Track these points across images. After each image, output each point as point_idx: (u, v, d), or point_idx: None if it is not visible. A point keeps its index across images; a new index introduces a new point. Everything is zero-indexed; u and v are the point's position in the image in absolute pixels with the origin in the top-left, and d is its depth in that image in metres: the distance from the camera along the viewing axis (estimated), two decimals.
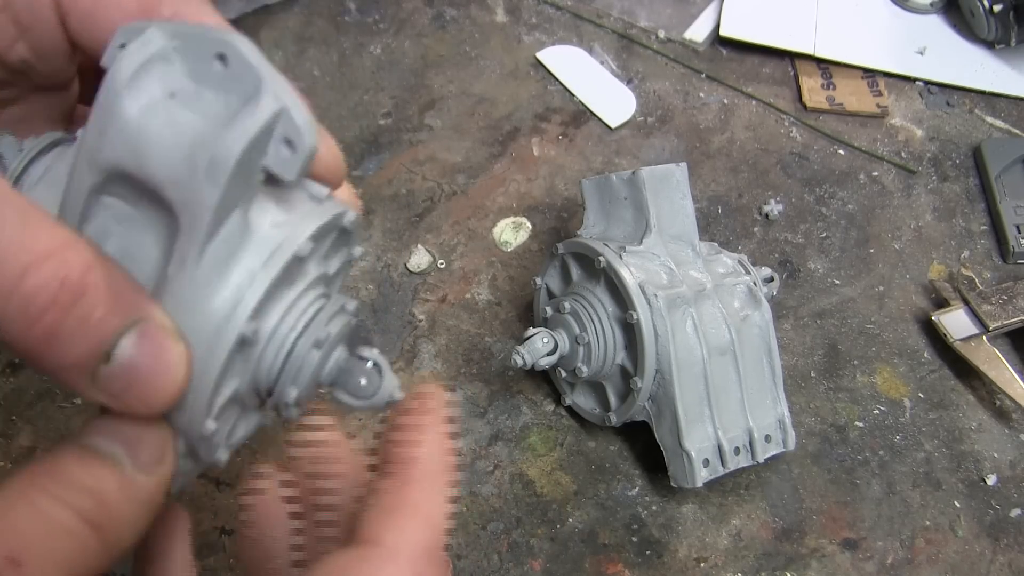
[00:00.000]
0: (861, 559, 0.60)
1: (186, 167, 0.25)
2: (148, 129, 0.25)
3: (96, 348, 0.24)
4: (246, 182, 0.26)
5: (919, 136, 0.84)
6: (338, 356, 0.30)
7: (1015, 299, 0.69)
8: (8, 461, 0.61)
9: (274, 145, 0.26)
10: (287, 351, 0.28)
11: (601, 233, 0.63)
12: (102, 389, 0.25)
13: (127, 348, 0.24)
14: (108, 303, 0.24)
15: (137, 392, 0.25)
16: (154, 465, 0.26)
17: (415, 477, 0.27)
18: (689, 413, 0.57)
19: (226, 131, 0.25)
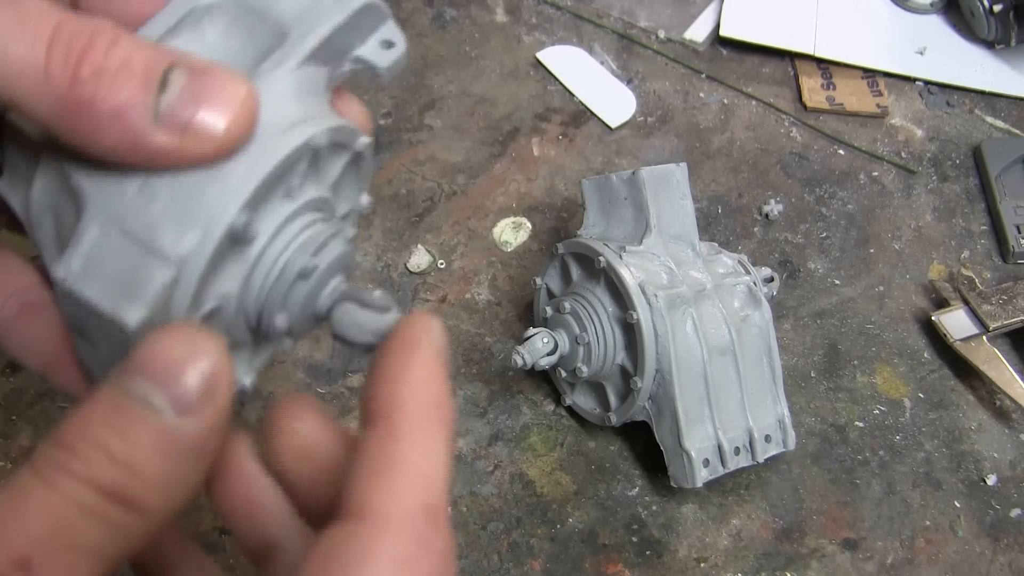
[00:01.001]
0: (861, 559, 0.60)
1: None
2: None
3: (148, 79, 0.22)
4: (345, 49, 0.28)
5: (919, 136, 0.84)
6: (336, 284, 0.28)
7: (1015, 299, 0.69)
8: (8, 461, 0.61)
9: (372, 43, 0.29)
10: (279, 270, 0.26)
11: (601, 233, 0.63)
12: (166, 124, 0.22)
13: (180, 78, 0.23)
14: (148, 47, 0.23)
15: (207, 114, 0.23)
16: (203, 402, 0.22)
17: (401, 428, 0.23)
18: (689, 413, 0.57)
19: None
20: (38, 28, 0.22)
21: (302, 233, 0.27)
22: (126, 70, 0.22)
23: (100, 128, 0.22)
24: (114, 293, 0.24)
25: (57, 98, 0.22)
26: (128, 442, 0.21)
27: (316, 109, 0.27)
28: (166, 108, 0.22)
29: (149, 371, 0.22)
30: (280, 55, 0.27)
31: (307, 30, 0.27)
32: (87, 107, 0.22)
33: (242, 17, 0.28)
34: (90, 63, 0.22)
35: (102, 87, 0.22)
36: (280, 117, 0.26)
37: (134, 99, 0.22)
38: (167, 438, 0.21)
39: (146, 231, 0.24)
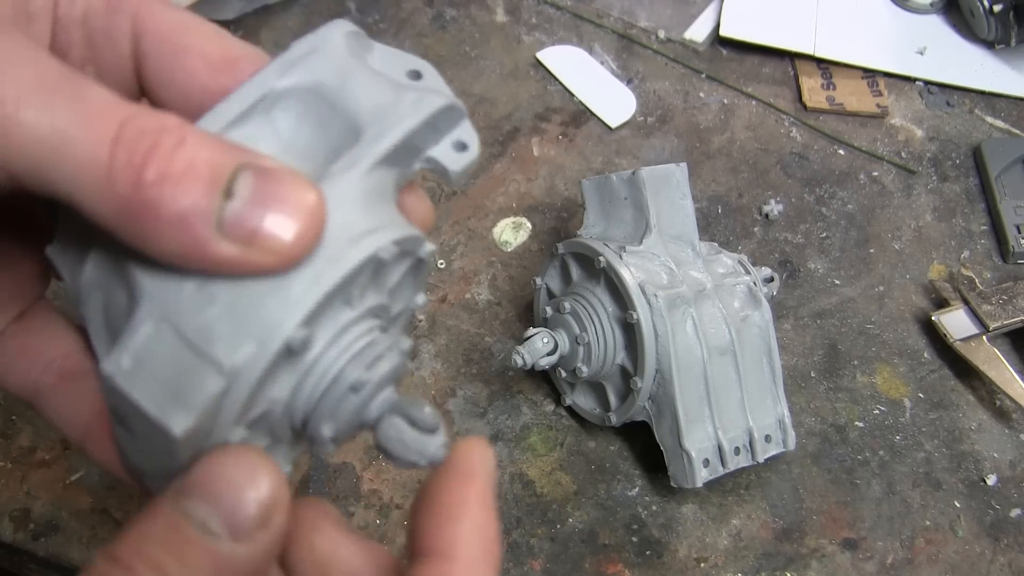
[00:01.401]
0: (861, 559, 0.60)
1: (391, 94, 0.27)
2: (356, 64, 0.27)
3: (213, 185, 0.21)
4: (417, 150, 0.28)
5: (919, 136, 0.84)
6: (387, 396, 0.27)
7: (1015, 299, 0.69)
8: (8, 461, 0.61)
9: (445, 143, 0.28)
10: (331, 379, 0.26)
11: (601, 233, 0.63)
12: (230, 235, 0.22)
13: (247, 183, 0.22)
14: (214, 146, 0.22)
15: (270, 229, 0.22)
16: (259, 529, 0.22)
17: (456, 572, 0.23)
18: (689, 413, 0.57)
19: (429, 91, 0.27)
20: (103, 126, 0.21)
21: (358, 342, 0.26)
22: (191, 174, 0.21)
23: (162, 234, 0.22)
24: (162, 397, 0.23)
25: (119, 201, 0.21)
26: (184, 565, 0.21)
27: (384, 216, 0.26)
28: (231, 217, 0.22)
29: (207, 494, 0.22)
30: (352, 156, 0.26)
31: (382, 131, 0.26)
32: (150, 212, 0.21)
33: (316, 107, 0.27)
34: (155, 166, 0.21)
35: (166, 193, 0.21)
36: (347, 226, 0.25)
37: (198, 206, 0.21)
38: (222, 563, 0.22)
39: (201, 336, 0.23)
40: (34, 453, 0.62)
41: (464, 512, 0.24)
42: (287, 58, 0.27)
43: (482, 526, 0.24)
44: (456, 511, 0.24)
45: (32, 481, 0.61)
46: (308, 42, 0.27)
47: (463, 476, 0.25)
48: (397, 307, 0.30)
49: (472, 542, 0.24)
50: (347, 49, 0.27)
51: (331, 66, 0.27)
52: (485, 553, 0.24)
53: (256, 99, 0.26)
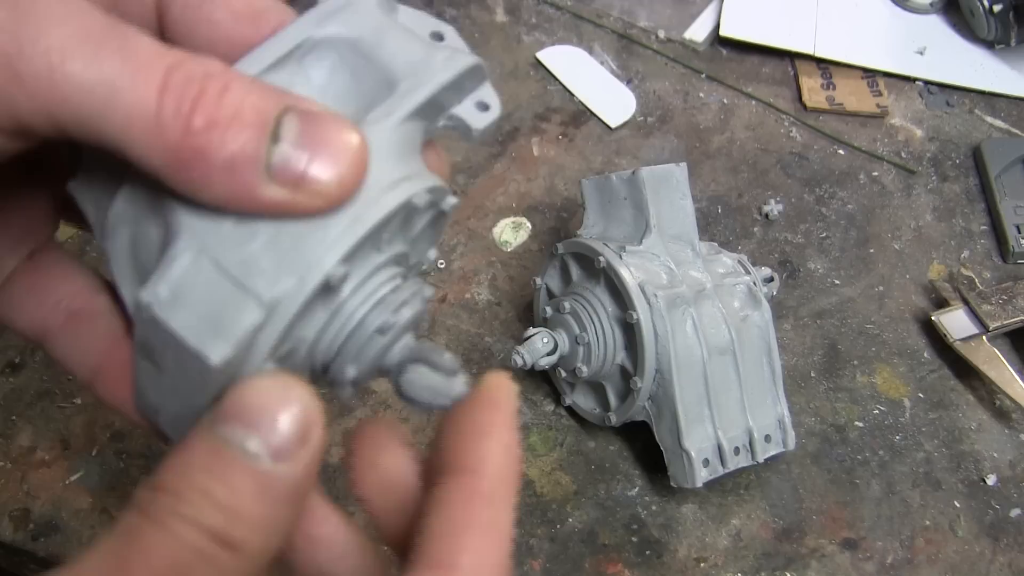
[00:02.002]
0: (861, 559, 0.60)
1: (423, 50, 0.27)
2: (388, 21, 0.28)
3: (260, 130, 0.22)
4: (440, 111, 0.28)
5: (919, 136, 0.84)
6: (407, 341, 0.28)
7: (1015, 299, 0.69)
8: (8, 461, 0.61)
9: (468, 103, 0.28)
10: (356, 323, 0.26)
11: (601, 233, 0.63)
12: (278, 179, 0.22)
13: (293, 127, 0.22)
14: (259, 90, 0.22)
15: (319, 168, 0.22)
16: (298, 447, 0.22)
17: (485, 488, 0.24)
18: (689, 413, 0.57)
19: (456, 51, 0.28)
20: (150, 75, 0.21)
21: (383, 287, 0.27)
22: (239, 119, 0.22)
23: (212, 180, 0.22)
24: (201, 327, 0.23)
25: (168, 148, 0.22)
26: (230, 488, 0.22)
27: (416, 166, 0.27)
28: (278, 161, 0.22)
29: (244, 418, 0.22)
30: (388, 106, 0.26)
31: (416, 84, 0.27)
32: (199, 159, 0.22)
33: (351, 59, 0.27)
34: (202, 113, 0.21)
35: (214, 139, 0.21)
36: (384, 172, 0.25)
37: (246, 151, 0.22)
38: (265, 483, 0.22)
39: (241, 268, 0.23)
40: (34, 453, 0.62)
41: (491, 432, 0.25)
42: (323, 9, 0.27)
43: (508, 446, 0.25)
44: (484, 431, 0.25)
45: (32, 481, 0.61)
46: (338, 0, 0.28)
47: (490, 402, 0.25)
48: (414, 258, 0.30)
49: (499, 460, 0.24)
50: (379, 6, 0.28)
51: (366, 21, 0.27)
52: (511, 471, 0.24)
53: (292, 47, 0.26)
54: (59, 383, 0.65)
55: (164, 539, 0.21)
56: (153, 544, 0.21)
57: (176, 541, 0.21)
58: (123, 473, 0.62)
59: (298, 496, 0.23)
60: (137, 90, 0.21)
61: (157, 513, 0.21)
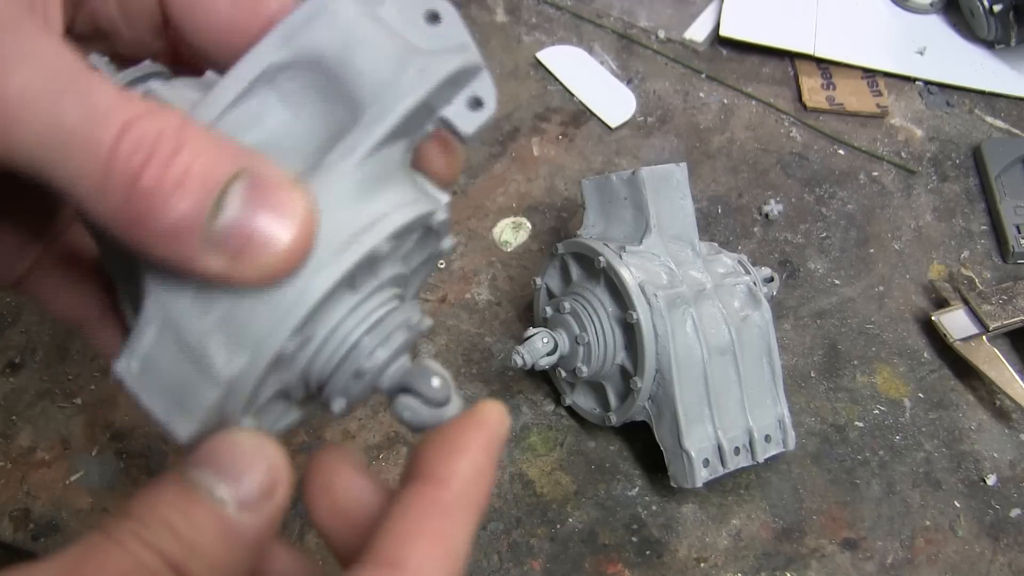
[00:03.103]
0: (861, 559, 0.60)
1: (394, 67, 0.25)
2: (361, 27, 0.25)
3: (204, 197, 0.22)
4: (427, 115, 0.26)
5: (919, 136, 0.84)
6: (402, 364, 0.28)
7: (1015, 299, 0.69)
8: (8, 461, 0.61)
9: (460, 101, 0.26)
10: (348, 348, 0.26)
11: (601, 233, 0.63)
12: (217, 247, 0.22)
13: (238, 195, 0.22)
14: (211, 152, 0.22)
15: (257, 245, 0.22)
16: (262, 501, 0.23)
17: (447, 499, 0.24)
18: (689, 413, 0.57)
19: (436, 54, 0.25)
20: (104, 131, 0.21)
21: (378, 310, 0.27)
22: (183, 187, 0.21)
23: (155, 243, 0.22)
24: (168, 404, 0.24)
25: (114, 206, 0.22)
26: (192, 524, 0.22)
27: (384, 202, 0.26)
28: (219, 231, 0.22)
29: (216, 466, 0.23)
30: (349, 144, 0.25)
31: (382, 112, 0.25)
32: (143, 221, 0.22)
33: (318, 81, 0.26)
34: (149, 176, 0.21)
35: (158, 203, 0.21)
36: (341, 226, 0.25)
37: (187, 219, 0.22)
38: (228, 528, 0.23)
39: (198, 345, 0.24)
40: (34, 453, 0.62)
41: (468, 451, 0.25)
42: (288, 25, 0.26)
43: (481, 468, 0.25)
44: (461, 448, 0.25)
45: (32, 481, 0.61)
46: (309, 6, 0.26)
47: (476, 424, 0.26)
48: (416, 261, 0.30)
49: (467, 476, 0.25)
50: (349, 7, 0.26)
51: (333, 34, 0.25)
52: (477, 492, 0.25)
53: (256, 75, 0.26)
54: (59, 383, 0.65)
55: (121, 556, 0.22)
56: (110, 559, 0.21)
57: (133, 561, 0.22)
58: (123, 473, 0.62)
59: (258, 545, 0.24)
60: (90, 146, 0.21)
61: (119, 534, 0.22)
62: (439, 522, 0.24)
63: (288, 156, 0.26)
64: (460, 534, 0.24)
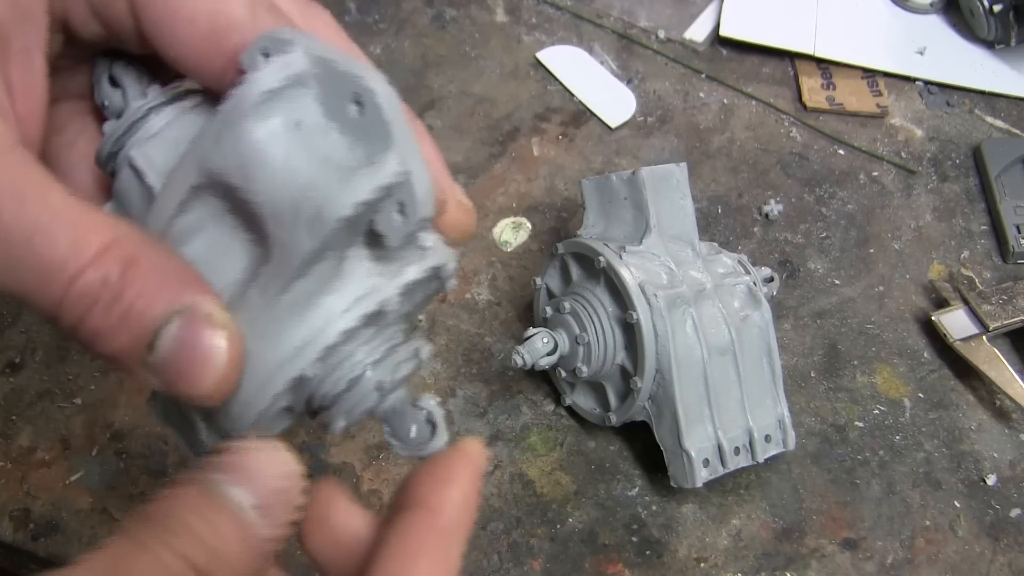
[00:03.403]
0: (861, 559, 0.60)
1: (290, 209, 0.24)
2: (264, 157, 0.25)
3: (138, 339, 0.25)
4: (347, 236, 0.26)
5: (919, 136, 0.84)
6: (397, 397, 0.29)
7: (1015, 299, 0.69)
8: (8, 461, 0.61)
9: (387, 206, 0.25)
10: (352, 378, 0.28)
11: (601, 233, 0.63)
12: (154, 375, 0.25)
13: (170, 337, 0.25)
14: (150, 295, 0.25)
15: (185, 380, 0.25)
16: (278, 505, 0.25)
17: (442, 525, 0.27)
18: (689, 413, 0.57)
19: (340, 187, 0.24)
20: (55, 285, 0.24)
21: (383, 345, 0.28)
22: (122, 328, 0.25)
23: (106, 361, 0.26)
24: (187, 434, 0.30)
25: (69, 331, 0.25)
26: (214, 530, 0.24)
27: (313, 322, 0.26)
28: (152, 364, 0.25)
29: (235, 472, 0.25)
30: (263, 282, 0.26)
31: (283, 259, 0.25)
32: (91, 346, 0.25)
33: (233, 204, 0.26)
34: (92, 320, 0.25)
35: (99, 341, 0.25)
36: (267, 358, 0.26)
37: (124, 353, 0.25)
38: (247, 533, 0.24)
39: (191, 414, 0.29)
40: (34, 453, 0.62)
41: (457, 481, 0.28)
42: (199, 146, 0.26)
43: (468, 497, 0.28)
44: (450, 479, 0.28)
45: (32, 481, 0.61)
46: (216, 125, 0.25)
47: (462, 456, 0.28)
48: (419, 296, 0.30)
49: (458, 504, 0.27)
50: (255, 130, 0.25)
51: (234, 162, 0.25)
52: (466, 519, 0.27)
53: (184, 194, 0.27)
54: (59, 383, 0.65)
55: (150, 563, 0.23)
56: (139, 566, 0.23)
57: (161, 567, 0.23)
58: (123, 473, 0.62)
59: (271, 550, 0.25)
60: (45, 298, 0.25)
61: (145, 540, 0.23)
62: (436, 545, 0.26)
63: (225, 265, 0.27)
64: (455, 556, 0.27)
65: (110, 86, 0.30)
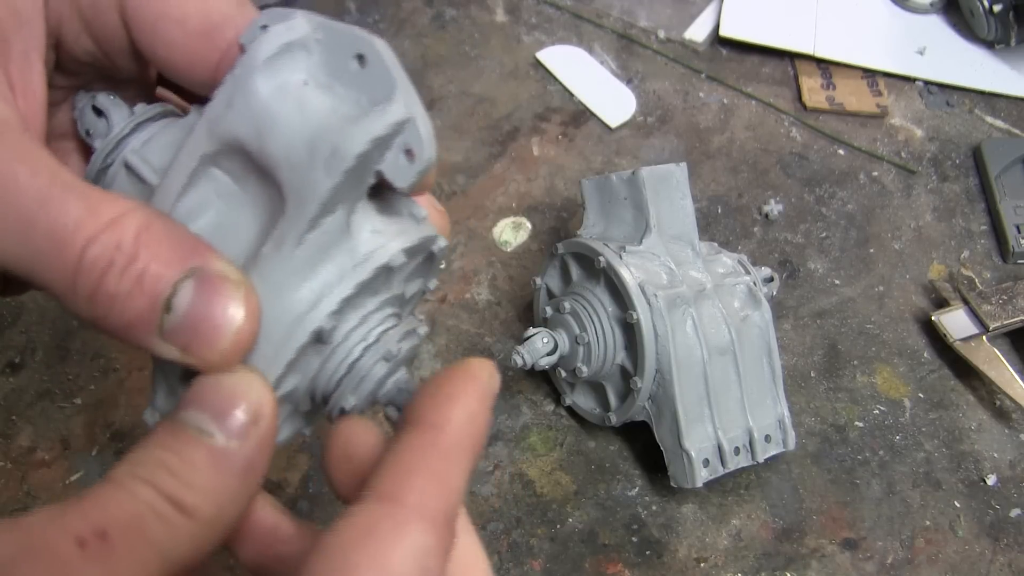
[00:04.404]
0: (861, 559, 0.60)
1: (306, 152, 0.25)
2: (276, 109, 0.26)
3: (154, 301, 0.25)
4: (359, 181, 0.27)
5: (919, 136, 0.84)
6: (399, 377, 0.30)
7: (1015, 299, 0.69)
8: (8, 461, 0.61)
9: (393, 152, 0.27)
10: (353, 360, 0.28)
11: (601, 233, 0.63)
12: (170, 342, 0.25)
13: (185, 297, 0.25)
14: (163, 257, 0.25)
15: (203, 340, 0.25)
16: (248, 428, 0.25)
17: (442, 442, 0.26)
18: (689, 413, 0.57)
19: (352, 126, 0.25)
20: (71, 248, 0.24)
21: (378, 328, 0.29)
22: (136, 291, 0.25)
23: (118, 334, 0.26)
24: None
25: (83, 305, 0.25)
26: (184, 459, 0.24)
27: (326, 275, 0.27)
28: (169, 328, 0.25)
29: (201, 403, 0.25)
30: (278, 235, 0.26)
31: (299, 203, 0.26)
32: (105, 319, 0.25)
33: (247, 166, 0.27)
34: (108, 283, 0.25)
35: (115, 306, 0.25)
36: (284, 311, 0.26)
37: (141, 319, 0.25)
38: (218, 457, 0.25)
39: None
40: (34, 453, 0.62)
41: (460, 398, 0.26)
42: (211, 112, 0.27)
43: (473, 414, 0.26)
44: (454, 397, 0.26)
45: (32, 481, 0.61)
46: (226, 91, 0.26)
47: (466, 374, 0.27)
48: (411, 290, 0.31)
49: (461, 421, 0.26)
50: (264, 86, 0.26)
51: (248, 120, 0.26)
52: (472, 437, 0.26)
53: (193, 166, 0.27)
54: (59, 383, 0.65)
55: (120, 495, 0.24)
56: (111, 500, 0.23)
57: (132, 497, 0.24)
58: None
59: (249, 472, 0.25)
60: (58, 262, 0.25)
61: (121, 479, 0.24)
62: (436, 461, 0.25)
63: (236, 237, 0.27)
64: (456, 473, 0.25)
65: (94, 115, 0.31)
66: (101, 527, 0.23)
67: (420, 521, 0.24)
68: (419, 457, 0.25)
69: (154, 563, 0.23)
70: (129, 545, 0.23)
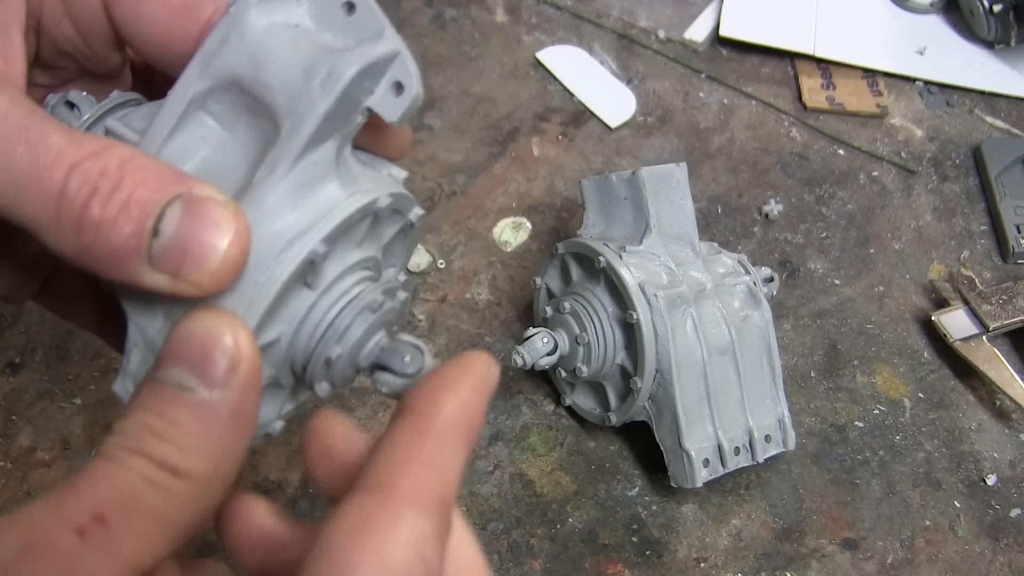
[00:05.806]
0: (861, 559, 0.60)
1: (302, 76, 0.26)
2: (271, 41, 0.26)
3: (141, 226, 0.24)
4: (351, 110, 0.27)
5: (919, 136, 0.84)
6: (379, 338, 0.29)
7: (1015, 299, 0.69)
8: (8, 461, 0.61)
9: (382, 88, 0.27)
10: (339, 311, 0.28)
11: (601, 233, 0.63)
12: (159, 268, 0.24)
13: (173, 219, 0.24)
14: (149, 182, 0.24)
15: (193, 262, 0.24)
16: (228, 374, 0.24)
17: (436, 429, 0.25)
18: (689, 413, 0.57)
19: (347, 52, 0.26)
20: (52, 176, 0.24)
21: (357, 286, 0.29)
22: (123, 216, 0.24)
23: (105, 268, 0.25)
24: None
25: (68, 238, 0.24)
26: (170, 421, 0.24)
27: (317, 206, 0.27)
28: (158, 253, 0.24)
29: (176, 358, 0.24)
30: (272, 160, 0.26)
31: (295, 125, 0.26)
32: (91, 250, 0.24)
33: (241, 101, 0.27)
34: (94, 207, 0.24)
35: (102, 234, 0.24)
36: (275, 237, 0.26)
37: (129, 245, 0.24)
38: (202, 411, 0.24)
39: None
40: (34, 453, 0.62)
41: (455, 388, 0.26)
42: (205, 51, 0.27)
43: (468, 403, 0.26)
44: (448, 386, 0.26)
45: (32, 481, 0.61)
46: (221, 30, 0.27)
47: (463, 366, 0.27)
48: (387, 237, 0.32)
49: (454, 408, 0.26)
50: (259, 21, 0.27)
51: (243, 53, 0.27)
52: (465, 425, 0.26)
53: (184, 106, 0.27)
54: (59, 383, 0.65)
55: (112, 469, 0.23)
56: (103, 477, 0.23)
57: (124, 470, 0.23)
58: None
59: (238, 419, 0.25)
60: (42, 189, 0.24)
61: (111, 452, 0.24)
62: (429, 449, 0.25)
63: (225, 177, 0.27)
64: (450, 460, 0.25)
65: (66, 109, 0.31)
66: (98, 510, 0.22)
67: (415, 508, 0.23)
68: (411, 444, 0.25)
69: (156, 534, 0.23)
70: (128, 523, 0.23)
